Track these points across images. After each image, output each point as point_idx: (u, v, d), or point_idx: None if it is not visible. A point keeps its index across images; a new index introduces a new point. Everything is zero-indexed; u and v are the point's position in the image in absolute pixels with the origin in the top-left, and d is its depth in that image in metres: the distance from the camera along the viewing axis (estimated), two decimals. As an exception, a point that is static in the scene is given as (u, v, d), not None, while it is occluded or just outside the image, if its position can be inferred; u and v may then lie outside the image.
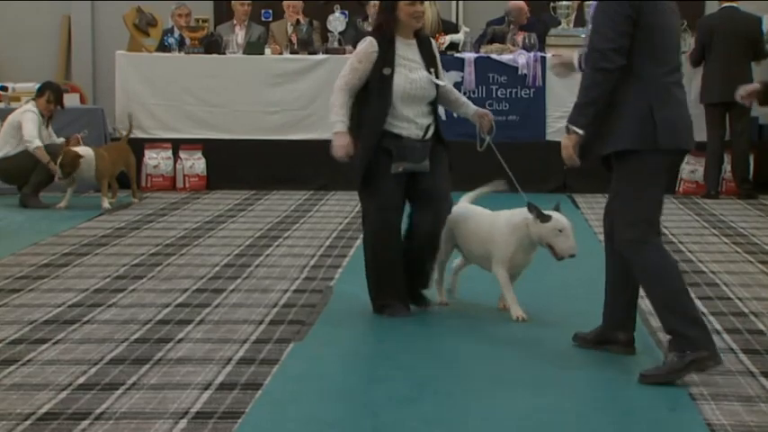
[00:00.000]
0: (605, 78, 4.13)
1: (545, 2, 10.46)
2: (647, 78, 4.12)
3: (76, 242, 6.99)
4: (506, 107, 9.83)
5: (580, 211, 8.70)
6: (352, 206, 8.87)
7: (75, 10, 12.22)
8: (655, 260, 4.11)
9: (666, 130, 4.09)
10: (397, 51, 5.25)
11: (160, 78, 9.96)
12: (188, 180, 9.82)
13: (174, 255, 6.58)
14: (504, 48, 9.94)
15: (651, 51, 4.11)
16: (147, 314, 5.06)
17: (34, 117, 8.72)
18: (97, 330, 4.79)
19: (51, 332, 4.74)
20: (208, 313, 5.12)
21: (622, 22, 4.08)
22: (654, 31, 4.10)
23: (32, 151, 8.59)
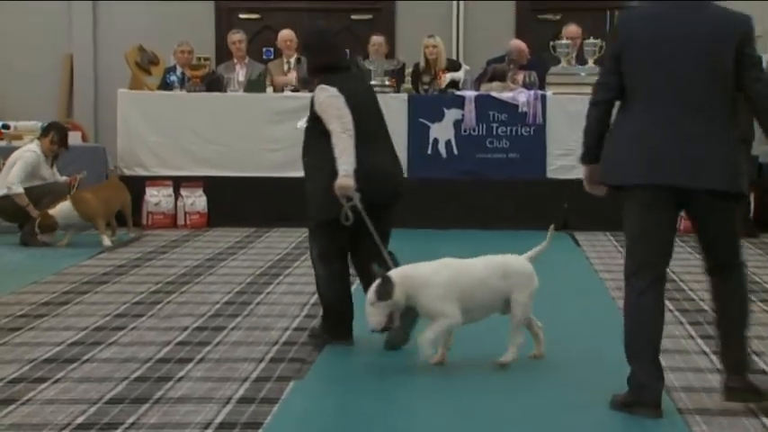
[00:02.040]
0: (590, 111, 4.44)
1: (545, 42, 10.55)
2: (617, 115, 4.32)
3: (77, 280, 7.00)
4: (507, 145, 9.87)
5: (581, 249, 8.70)
6: (353, 243, 8.87)
7: (77, 49, 12.30)
8: (627, 299, 4.20)
9: (603, 166, 4.33)
10: None
11: (162, 116, 10.02)
12: (189, 217, 9.84)
13: (175, 293, 6.58)
14: (505, 86, 10.01)
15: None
16: (147, 352, 5.05)
17: (30, 160, 8.74)
18: (97, 369, 4.78)
19: (51, 371, 4.73)
20: (208, 351, 5.11)
21: (609, 60, 4.33)
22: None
23: (12, 196, 8.62)
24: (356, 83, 5.44)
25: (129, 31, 11.77)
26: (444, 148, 9.92)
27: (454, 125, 9.88)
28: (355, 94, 5.24)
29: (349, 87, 5.24)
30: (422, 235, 9.55)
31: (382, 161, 5.30)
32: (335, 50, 5.42)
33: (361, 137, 5.16)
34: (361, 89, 5.41)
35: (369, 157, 5.16)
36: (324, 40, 5.43)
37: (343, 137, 5.10)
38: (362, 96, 5.33)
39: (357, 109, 5.19)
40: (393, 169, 5.40)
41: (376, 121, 5.37)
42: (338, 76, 5.28)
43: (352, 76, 5.53)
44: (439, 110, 9.89)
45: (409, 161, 9.84)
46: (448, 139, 9.89)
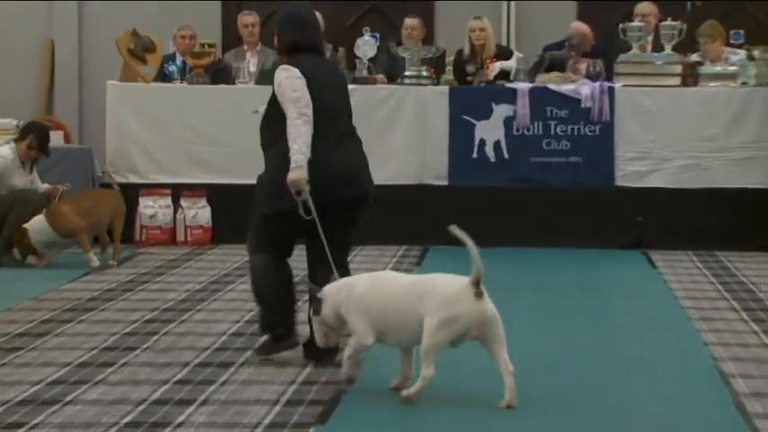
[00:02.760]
0: None
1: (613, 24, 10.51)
2: None
3: (58, 307, 7.02)
4: (567, 146, 9.83)
5: (658, 271, 8.62)
6: (384, 263, 8.88)
7: (58, 32, 12.41)
8: None
9: None
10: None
11: (158, 113, 10.06)
12: (190, 232, 9.87)
13: (174, 322, 6.60)
14: (565, 77, 9.97)
15: None
16: (140, 393, 5.06)
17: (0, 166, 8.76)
18: (81, 413, 4.78)
19: (27, 415, 4.73)
20: (213, 392, 5.11)
21: None
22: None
23: None
24: (326, 70, 5.71)
25: (119, 12, 11.85)
26: (492, 151, 9.90)
27: (504, 123, 9.86)
28: (321, 81, 5.49)
29: (315, 72, 5.49)
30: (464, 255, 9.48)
31: (345, 158, 5.53)
32: (308, 29, 5.69)
33: (323, 129, 5.43)
34: (330, 78, 5.65)
35: (329, 153, 5.44)
36: (297, 17, 5.73)
37: (298, 123, 5.34)
38: (329, 85, 5.58)
39: (321, 97, 5.44)
40: (358, 168, 5.63)
41: (343, 115, 5.63)
42: (307, 58, 5.56)
43: (323, 62, 5.80)
44: (486, 105, 9.87)
45: (450, 166, 9.85)
46: (497, 140, 9.88)
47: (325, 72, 5.66)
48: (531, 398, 5.06)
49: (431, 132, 9.92)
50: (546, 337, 6.42)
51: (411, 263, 8.95)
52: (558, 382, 5.37)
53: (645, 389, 5.31)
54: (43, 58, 12.43)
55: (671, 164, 9.73)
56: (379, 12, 12.44)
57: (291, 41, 5.64)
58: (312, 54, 5.63)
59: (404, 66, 10.19)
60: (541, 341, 6.29)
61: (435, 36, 11.79)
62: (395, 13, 12.03)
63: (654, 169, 9.74)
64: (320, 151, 5.40)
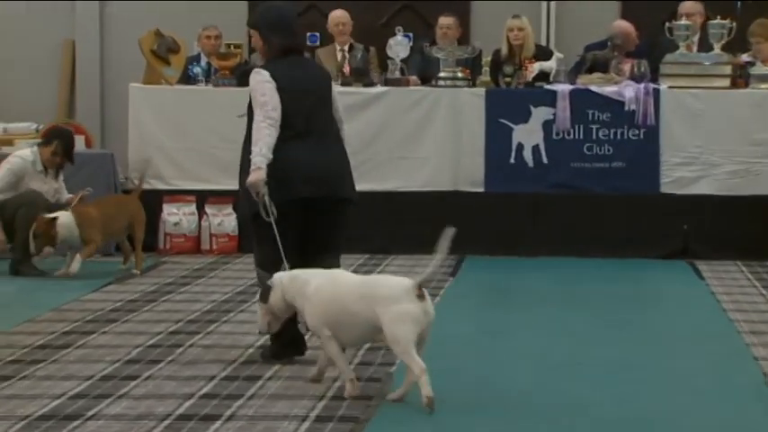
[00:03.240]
0: None
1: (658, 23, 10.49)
2: None
3: (80, 318, 7.09)
4: (610, 151, 9.82)
5: (705, 282, 8.60)
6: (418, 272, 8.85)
7: (80, 33, 12.49)
8: None
9: None
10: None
11: (183, 116, 10.13)
12: (215, 241, 9.93)
13: (199, 333, 6.64)
14: (608, 78, 9.96)
15: None
16: (165, 407, 5.10)
17: (15, 167, 8.81)
18: (104, 428, 4.82)
19: (48, 430, 4.77)
20: (240, 406, 5.15)
21: None
22: None
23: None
24: (304, 70, 6.02)
25: (142, 12, 11.93)
26: (531, 156, 9.90)
27: (543, 127, 9.86)
28: (294, 83, 5.84)
29: (290, 74, 5.86)
30: (502, 264, 9.54)
31: (319, 158, 5.85)
32: (295, 33, 6.05)
33: (297, 130, 5.82)
34: (307, 78, 5.96)
35: (303, 153, 5.80)
36: (284, 20, 6.04)
37: (262, 126, 5.74)
38: (305, 86, 5.90)
39: (294, 99, 5.80)
40: (334, 168, 5.93)
41: (320, 115, 5.95)
42: (287, 60, 5.93)
43: (302, 63, 6.09)
44: (524, 108, 9.88)
45: (486, 172, 9.87)
46: (535, 145, 9.88)
47: (303, 73, 5.96)
48: (573, 411, 5.09)
49: (466, 136, 9.94)
50: (588, 350, 6.43)
51: (445, 272, 8.95)
52: (600, 397, 5.38)
53: (691, 404, 5.31)
54: (64, 60, 12.52)
55: (719, 169, 9.70)
56: (412, 10, 12.46)
57: (282, 45, 5.96)
58: (291, 55, 5.96)
59: (438, 67, 10.21)
60: (584, 353, 6.31)
61: (471, 36, 11.79)
62: (429, 11, 12.03)
63: (701, 175, 9.71)
64: (294, 151, 5.77)
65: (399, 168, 10.00)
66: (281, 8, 6.18)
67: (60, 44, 12.51)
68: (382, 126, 10.00)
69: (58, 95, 12.51)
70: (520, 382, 5.68)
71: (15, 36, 12.40)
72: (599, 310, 7.71)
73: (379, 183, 9.94)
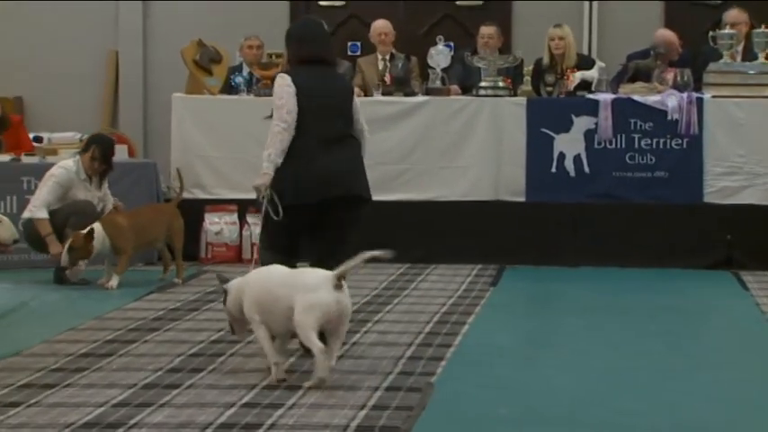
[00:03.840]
0: None
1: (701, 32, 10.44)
2: None
3: (122, 326, 7.13)
4: (652, 161, 9.77)
5: (750, 293, 8.53)
6: (458, 282, 8.89)
7: (123, 44, 12.60)
8: None
9: None
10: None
11: (225, 126, 10.19)
12: (256, 249, 9.93)
13: (240, 342, 6.66)
14: (650, 87, 9.92)
15: None
16: (207, 416, 5.11)
17: (60, 179, 8.85)
18: (147, 436, 4.86)
19: (91, 437, 4.82)
20: (280, 416, 5.15)
21: None
22: None
23: (34, 221, 8.75)
24: (324, 79, 6.37)
25: (185, 22, 12.03)
26: (572, 165, 9.87)
27: (585, 136, 9.83)
28: (313, 89, 6.23)
29: (309, 81, 6.24)
30: (543, 274, 9.52)
31: (333, 159, 6.22)
32: (309, 43, 6.41)
33: (313, 132, 6.19)
34: (326, 86, 6.33)
35: (317, 154, 6.18)
36: (299, 32, 6.52)
37: (275, 130, 6.16)
38: (324, 93, 6.27)
39: (311, 105, 6.19)
40: (346, 169, 6.29)
41: (336, 121, 6.31)
42: (307, 68, 6.33)
43: (324, 72, 6.42)
44: (566, 117, 9.86)
45: (527, 181, 9.85)
46: (577, 154, 9.85)
47: (323, 81, 6.34)
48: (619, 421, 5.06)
49: (507, 146, 9.92)
50: (631, 360, 6.39)
51: (486, 282, 8.95)
52: (644, 407, 5.35)
53: (738, 414, 5.27)
54: (108, 71, 12.63)
55: (763, 179, 9.64)
56: (453, 20, 12.48)
57: (293, 54, 6.50)
58: (315, 65, 6.35)
59: (479, 76, 10.22)
60: (625, 364, 6.27)
61: (513, 45, 11.79)
62: (470, 21, 12.06)
63: (745, 185, 9.64)
64: (308, 155, 6.18)
65: (440, 178, 10.00)
66: (306, 21, 6.88)
67: (104, 55, 12.61)
68: (423, 135, 10.01)
69: (102, 105, 12.62)
70: (563, 391, 5.65)
71: (60, 47, 12.52)
72: (642, 320, 7.66)
73: (420, 192, 9.95)
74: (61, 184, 8.90)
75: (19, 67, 12.35)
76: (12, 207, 9.48)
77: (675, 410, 5.32)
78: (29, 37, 12.47)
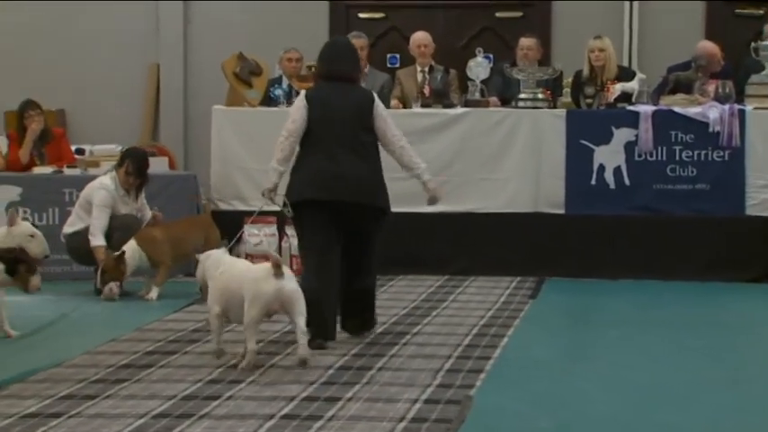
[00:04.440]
0: None
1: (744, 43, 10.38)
2: None
3: (162, 338, 7.19)
4: (694, 173, 9.72)
5: (792, 307, 8.47)
6: (497, 295, 8.88)
7: (164, 57, 12.70)
8: None
9: None
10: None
11: (264, 138, 10.15)
12: (296, 261, 9.98)
13: (279, 354, 6.69)
14: (692, 99, 9.87)
15: None
16: (246, 427, 5.14)
17: (103, 202, 8.90)
18: (186, 446, 4.90)
19: (132, 447, 4.86)
20: (320, 428, 5.17)
21: None
22: None
23: (93, 247, 8.82)
24: (339, 93, 6.95)
25: (226, 35, 12.11)
26: (612, 178, 9.84)
27: (625, 148, 9.80)
28: (329, 103, 6.89)
29: (325, 96, 6.94)
30: (583, 287, 9.49)
31: (335, 168, 6.81)
32: (334, 61, 7.05)
33: (318, 143, 6.87)
34: (339, 99, 6.91)
35: (321, 162, 6.83)
36: (327, 51, 7.19)
37: (279, 139, 6.99)
38: (341, 107, 6.88)
39: (321, 117, 6.87)
40: (352, 178, 6.82)
41: (348, 133, 6.86)
42: (325, 84, 7.05)
43: (341, 87, 6.97)
44: (606, 129, 9.83)
45: (567, 193, 9.83)
46: (617, 166, 9.82)
47: (341, 97, 6.92)
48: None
49: (547, 158, 9.90)
50: (672, 373, 6.36)
51: (525, 295, 8.93)
52: (681, 422, 5.32)
53: None
54: (149, 84, 12.72)
55: (806, 192, 9.57)
56: (492, 32, 12.49)
57: (317, 71, 7.38)
58: (334, 81, 7.00)
59: (518, 88, 10.21)
60: (665, 378, 6.24)
61: (552, 56, 11.78)
62: (509, 33, 12.06)
63: (787, 198, 9.59)
64: (316, 159, 6.86)
65: (479, 190, 9.99)
66: (335, 41, 7.57)
67: (146, 68, 12.71)
68: (462, 147, 10.01)
69: (143, 118, 12.71)
70: (603, 405, 5.63)
71: (102, 60, 12.63)
72: (682, 333, 7.61)
73: (459, 204, 9.94)
74: (106, 205, 8.98)
75: (61, 80, 12.46)
76: (54, 219, 9.60)
77: (715, 425, 5.30)
78: (71, 51, 12.59)
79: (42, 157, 10.22)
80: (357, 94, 7.04)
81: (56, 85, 12.35)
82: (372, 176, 6.94)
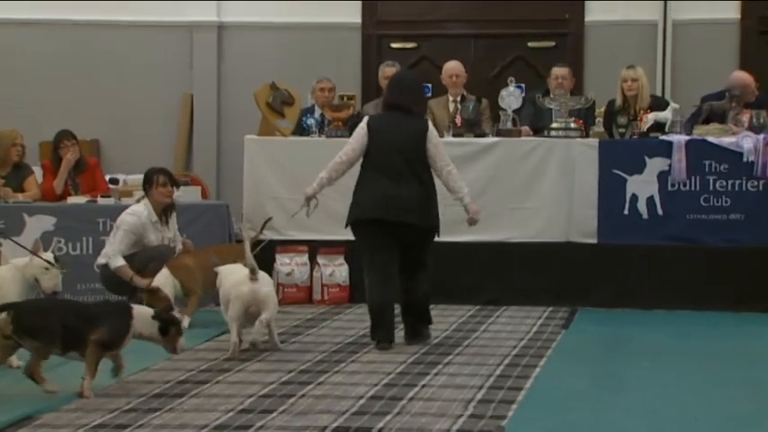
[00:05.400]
0: None
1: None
2: None
3: (194, 367, 7.20)
4: (728, 203, 9.68)
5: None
6: (529, 325, 8.86)
7: (198, 87, 12.78)
8: None
9: None
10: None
11: (297, 167, 10.25)
12: (327, 291, 10.01)
13: (311, 384, 6.69)
14: (725, 129, 9.83)
15: None
16: (276, 457, 5.15)
17: (130, 226, 8.92)
18: (217, 476, 4.89)
19: (163, 477, 4.87)
20: (350, 458, 5.17)
21: None
22: None
23: (114, 269, 8.87)
24: (398, 122, 7.79)
25: (258, 65, 12.18)
26: (645, 207, 9.80)
27: (659, 178, 9.77)
28: (385, 131, 7.76)
29: (384, 124, 7.83)
30: (616, 317, 9.45)
31: (389, 190, 7.69)
32: (397, 93, 7.90)
33: (383, 167, 7.74)
34: (398, 128, 7.75)
35: (375, 183, 7.73)
36: (392, 83, 8.15)
37: (336, 159, 7.94)
38: (395, 136, 7.72)
39: (380, 143, 7.74)
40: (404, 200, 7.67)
41: (400, 158, 7.71)
42: (389, 113, 7.89)
43: (399, 117, 7.82)
44: (639, 158, 9.81)
45: (599, 223, 9.81)
46: (650, 196, 9.79)
47: (397, 124, 7.78)
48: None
49: (579, 187, 9.88)
50: (705, 406, 6.30)
51: (558, 325, 8.89)
52: None
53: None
54: (182, 114, 12.81)
55: (840, 222, 9.50)
56: (524, 61, 12.51)
57: (384, 101, 8.13)
58: (394, 110, 7.86)
59: (550, 117, 10.21)
60: (700, 409, 6.19)
61: (585, 86, 11.78)
62: (541, 62, 12.08)
63: (823, 229, 9.51)
64: (371, 181, 7.78)
65: (511, 219, 9.98)
66: (400, 74, 8.97)
67: (179, 98, 12.80)
68: (494, 176, 10.01)
69: (177, 148, 12.79)
70: None
71: (136, 91, 12.73)
72: (716, 365, 7.56)
73: (492, 233, 9.93)
74: (132, 231, 8.98)
75: (96, 110, 12.57)
76: (88, 248, 9.65)
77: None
78: (105, 81, 12.70)
79: (76, 186, 10.30)
80: (414, 123, 7.83)
81: (90, 115, 12.46)
82: (426, 199, 7.78)
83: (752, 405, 6.38)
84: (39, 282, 7.44)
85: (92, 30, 12.66)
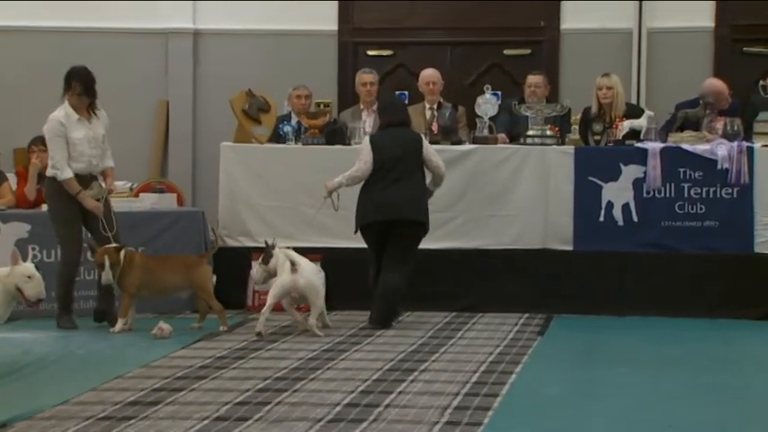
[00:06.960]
0: None
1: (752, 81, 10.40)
2: None
3: (169, 375, 7.16)
4: (702, 210, 9.71)
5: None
6: (505, 331, 8.86)
7: (173, 94, 12.74)
8: None
9: None
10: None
11: (272, 174, 10.25)
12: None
13: (286, 391, 6.66)
14: (700, 136, 9.87)
15: None
16: (252, 465, 5.12)
17: (56, 133, 8.91)
18: (192, 484, 4.86)
19: (137, 485, 4.83)
20: (326, 466, 5.14)
21: None
22: None
23: (61, 181, 8.86)
24: (394, 137, 9.02)
25: (234, 72, 12.15)
26: (621, 214, 9.84)
27: (634, 185, 9.80)
28: (384, 145, 8.96)
29: (382, 139, 9.07)
30: (591, 323, 9.46)
31: (389, 194, 8.88)
32: (392, 114, 9.18)
33: (381, 177, 8.92)
34: (394, 142, 8.97)
35: (381, 192, 8.89)
36: (385, 106, 9.44)
37: (352, 170, 9.01)
38: (392, 147, 8.93)
39: (382, 156, 8.92)
40: (402, 199, 8.87)
41: (399, 166, 8.92)
42: (384, 131, 9.15)
43: (395, 132, 9.05)
44: (614, 166, 9.83)
45: (575, 230, 9.85)
46: (625, 203, 9.82)
47: (394, 139, 9.00)
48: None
49: (555, 194, 9.90)
50: (680, 412, 6.30)
51: (533, 331, 8.90)
52: None
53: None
54: (158, 120, 12.77)
55: (814, 229, 9.54)
56: (500, 69, 12.52)
57: (381, 122, 9.28)
58: (390, 127, 9.09)
59: (526, 125, 10.22)
60: (676, 416, 6.19)
61: (560, 94, 11.80)
62: (517, 70, 12.10)
63: (800, 236, 9.56)
64: (373, 191, 8.94)
65: (487, 226, 9.99)
66: (389, 97, 10.16)
67: (155, 105, 12.76)
68: (470, 183, 10.02)
69: (152, 155, 12.74)
70: None
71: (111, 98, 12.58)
72: (691, 371, 7.57)
73: (468, 240, 9.95)
74: (57, 135, 8.96)
75: (71, 116, 12.48)
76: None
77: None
78: (81, 87, 12.61)
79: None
80: (409, 136, 9.09)
81: (65, 121, 12.37)
82: (416, 197, 8.95)
83: (726, 411, 6.39)
84: (21, 291, 7.38)
85: (67, 36, 12.59)
